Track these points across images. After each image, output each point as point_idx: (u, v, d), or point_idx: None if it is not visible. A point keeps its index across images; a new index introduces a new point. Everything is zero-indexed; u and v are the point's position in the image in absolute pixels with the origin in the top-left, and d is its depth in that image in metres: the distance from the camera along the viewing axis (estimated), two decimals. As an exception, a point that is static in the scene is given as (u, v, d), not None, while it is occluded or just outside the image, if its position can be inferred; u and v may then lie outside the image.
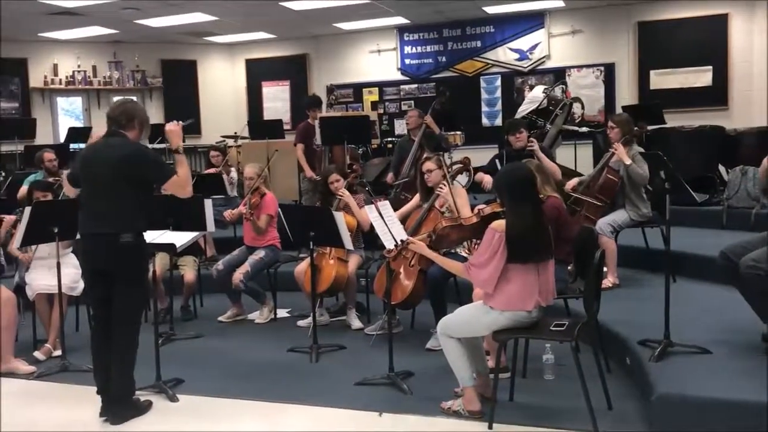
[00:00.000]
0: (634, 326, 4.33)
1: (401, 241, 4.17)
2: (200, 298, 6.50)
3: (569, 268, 4.48)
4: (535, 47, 11.15)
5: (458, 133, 9.26)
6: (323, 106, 8.82)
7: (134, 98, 4.34)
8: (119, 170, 3.81)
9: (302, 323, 5.75)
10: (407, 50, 11.90)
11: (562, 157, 7.99)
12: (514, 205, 3.60)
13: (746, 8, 9.98)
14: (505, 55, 11.33)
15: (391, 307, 4.68)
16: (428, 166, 5.03)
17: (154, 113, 12.26)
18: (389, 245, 4.20)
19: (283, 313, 6.16)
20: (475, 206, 4.43)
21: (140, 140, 4.06)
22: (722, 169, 7.80)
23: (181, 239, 4.52)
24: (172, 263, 5.84)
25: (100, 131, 4.07)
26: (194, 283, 6.13)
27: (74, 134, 9.88)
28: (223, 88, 12.89)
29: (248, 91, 12.92)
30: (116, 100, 4.15)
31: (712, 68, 10.14)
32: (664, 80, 10.42)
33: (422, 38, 11.79)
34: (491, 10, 10.76)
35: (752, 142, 7.60)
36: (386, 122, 12.00)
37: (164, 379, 4.30)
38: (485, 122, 11.49)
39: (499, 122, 11.14)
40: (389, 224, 4.22)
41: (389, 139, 10.74)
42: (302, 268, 5.62)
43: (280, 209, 5.67)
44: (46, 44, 11.63)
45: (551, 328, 3.63)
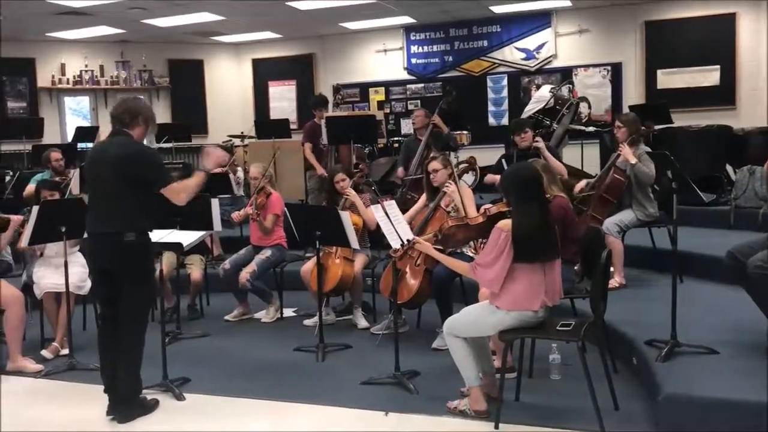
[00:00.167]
0: (640, 326, 4.32)
1: (407, 240, 4.17)
2: (207, 297, 6.51)
3: (576, 268, 4.47)
4: (541, 47, 11.13)
5: (464, 132, 9.25)
6: (329, 105, 8.81)
7: (140, 96, 4.29)
8: (120, 170, 3.82)
9: (308, 322, 5.75)
10: (413, 50, 11.89)
11: (568, 156, 7.98)
12: (520, 204, 3.59)
13: (754, 7, 9.94)
14: (511, 54, 11.32)
15: (397, 306, 4.68)
16: (434, 165, 5.02)
17: (161, 113, 12.31)
18: (395, 245, 4.20)
19: (289, 312, 6.17)
20: (481, 206, 4.43)
21: (147, 136, 4.05)
22: (730, 168, 7.78)
23: (188, 238, 4.53)
24: (178, 262, 5.86)
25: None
26: (201, 282, 6.15)
27: (81, 134, 9.92)
28: (229, 87, 12.92)
29: (255, 90, 12.95)
30: (119, 98, 4.14)
31: (719, 67, 10.11)
32: (671, 80, 10.39)
33: (429, 38, 11.78)
34: (498, 9, 10.75)
35: (760, 141, 7.57)
36: (392, 122, 12.00)
37: (171, 377, 4.32)
38: (492, 122, 11.48)
39: (505, 122, 11.13)
40: (395, 224, 4.22)
41: (395, 138, 10.74)
42: (308, 267, 5.63)
43: (286, 209, 5.68)
44: (53, 44, 11.68)
45: (558, 328, 3.62)
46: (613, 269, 5.28)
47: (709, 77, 10.17)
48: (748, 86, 10.00)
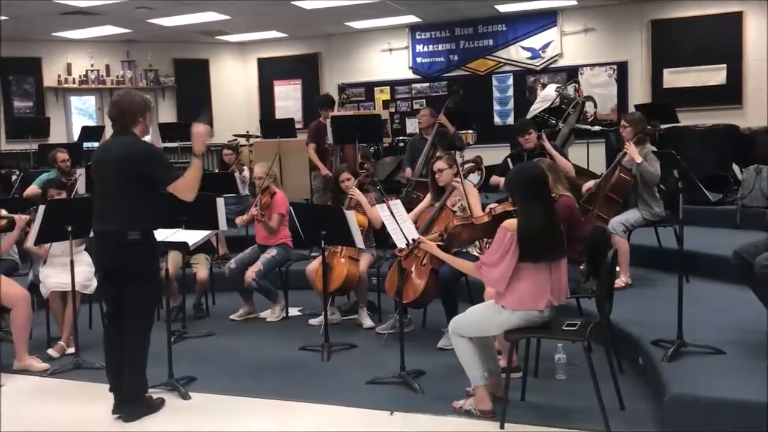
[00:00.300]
0: (646, 326, 4.31)
1: (412, 240, 4.17)
2: (212, 296, 6.52)
3: (581, 267, 4.46)
4: (547, 46, 11.11)
5: (470, 132, 9.24)
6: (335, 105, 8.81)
7: (131, 90, 4.22)
8: (124, 169, 3.82)
9: (314, 322, 5.76)
10: (419, 49, 11.88)
11: (574, 156, 7.94)
12: (525, 204, 3.59)
13: (760, 6, 9.89)
14: (517, 53, 11.30)
15: (402, 306, 4.68)
16: (439, 165, 5.02)
17: (166, 112, 12.36)
18: (400, 244, 4.19)
19: (294, 311, 6.17)
20: (486, 205, 4.43)
21: (149, 129, 4.01)
22: (736, 168, 7.75)
23: (193, 238, 4.54)
24: (184, 261, 5.87)
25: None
26: (207, 281, 6.16)
27: (87, 133, 9.95)
28: (235, 87, 12.92)
29: (260, 90, 12.95)
30: (112, 98, 4.07)
31: (726, 66, 10.07)
32: (677, 79, 10.35)
33: (434, 37, 11.77)
34: (503, 8, 10.73)
35: (766, 140, 7.55)
36: (398, 121, 11.99)
37: (176, 376, 4.33)
38: (497, 121, 11.46)
39: (511, 121, 11.11)
40: (400, 223, 4.21)
41: (401, 137, 10.73)
42: (314, 266, 5.63)
43: (291, 208, 5.68)
44: (59, 44, 11.70)
45: (563, 327, 3.62)
46: (618, 269, 5.27)
47: (715, 76, 10.13)
48: (754, 85, 9.95)
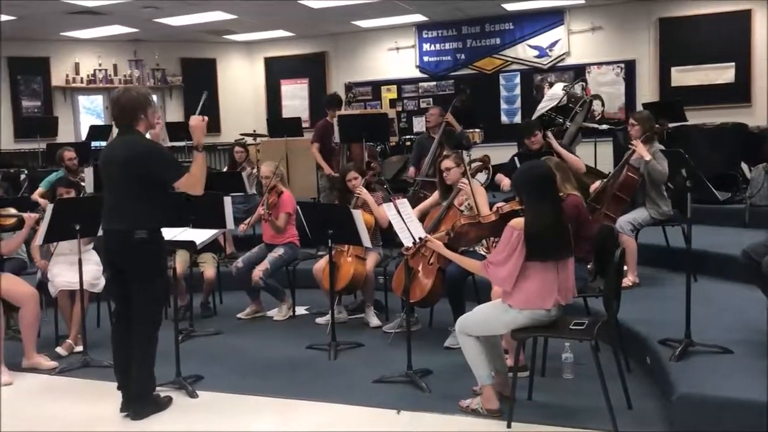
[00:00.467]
0: (654, 325, 4.29)
1: (419, 238, 4.16)
2: (219, 295, 6.53)
3: (589, 266, 4.45)
4: (554, 44, 11.09)
5: (477, 130, 9.23)
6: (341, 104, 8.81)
7: (130, 86, 4.19)
8: (129, 170, 3.82)
9: (320, 320, 5.77)
10: (426, 47, 11.87)
11: (582, 155, 7.85)
12: (533, 203, 3.58)
13: (769, 4, 9.85)
14: (524, 52, 11.28)
15: (409, 305, 4.68)
16: (447, 164, 5.01)
17: (174, 111, 12.39)
18: (407, 243, 4.19)
19: (301, 310, 6.18)
20: (494, 205, 4.42)
21: (153, 123, 4.00)
22: (745, 166, 7.72)
23: (201, 236, 4.55)
24: (191, 261, 5.88)
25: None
26: (214, 279, 6.17)
27: (95, 132, 9.98)
28: (242, 86, 12.94)
29: (267, 89, 12.97)
30: (112, 97, 4.02)
31: (734, 65, 10.02)
32: (685, 77, 10.31)
33: (441, 35, 11.76)
34: (510, 7, 10.71)
35: (775, 139, 7.52)
36: (404, 120, 11.98)
37: (184, 375, 4.34)
38: (504, 120, 11.44)
39: (518, 120, 11.09)
40: (407, 222, 4.21)
41: (407, 136, 10.72)
42: (321, 265, 5.64)
43: (298, 207, 5.69)
44: (67, 43, 11.74)
45: (571, 326, 3.61)
46: (626, 268, 5.25)
47: (723, 74, 10.09)
48: (763, 83, 9.89)
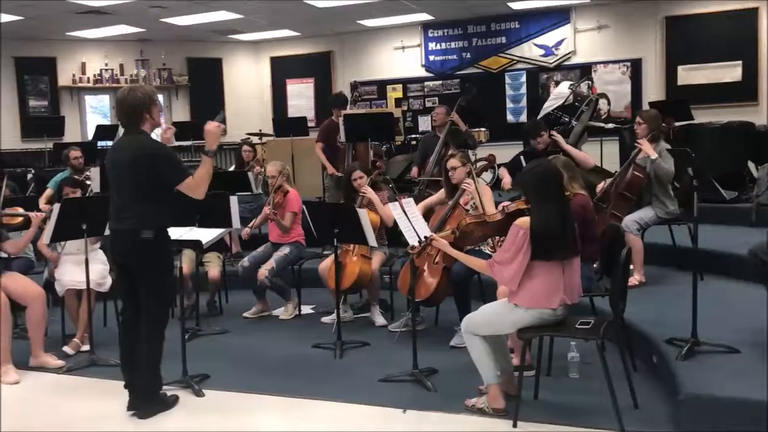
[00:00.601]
0: (660, 325, 4.29)
1: (425, 238, 4.16)
2: (226, 294, 6.55)
3: (595, 266, 4.44)
4: (560, 43, 11.06)
5: (483, 129, 9.22)
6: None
7: (134, 85, 4.20)
8: (136, 170, 3.83)
9: (326, 320, 5.77)
10: (431, 47, 11.87)
11: (587, 153, 7.92)
12: (538, 202, 3.57)
13: (777, 2, 9.81)
14: (530, 51, 11.26)
15: (415, 304, 4.68)
16: (453, 163, 5.01)
17: (180, 111, 12.42)
18: (413, 242, 4.19)
19: (307, 309, 6.19)
20: (499, 203, 4.41)
21: (159, 122, 4.00)
22: (751, 165, 7.69)
23: (207, 236, 4.56)
24: (198, 260, 5.89)
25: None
26: (218, 279, 6.18)
27: (102, 132, 10.01)
28: (248, 85, 12.96)
29: (273, 88, 12.98)
30: (116, 97, 4.04)
31: (741, 63, 9.98)
32: (692, 76, 10.27)
33: (447, 34, 11.75)
34: (516, 5, 10.69)
35: (783, 138, 7.49)
36: (410, 119, 11.98)
37: (191, 374, 4.35)
38: (510, 119, 11.42)
39: (524, 119, 11.08)
40: (413, 221, 4.21)
41: (413, 135, 10.73)
42: (326, 264, 5.64)
43: (304, 206, 5.69)
44: (74, 43, 11.78)
45: (577, 326, 3.61)
46: (632, 267, 5.24)
47: (730, 73, 10.05)
48: (771, 82, 9.88)
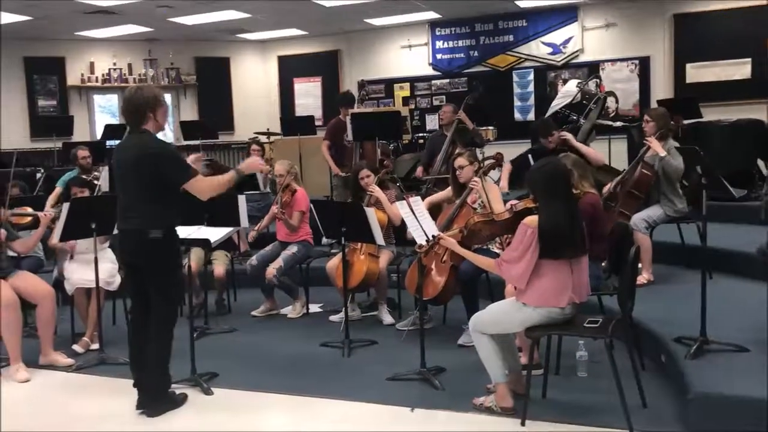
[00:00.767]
0: (669, 323, 4.27)
1: (432, 236, 4.16)
2: (234, 292, 6.56)
3: (603, 264, 4.43)
4: (568, 41, 11.03)
5: (490, 128, 9.21)
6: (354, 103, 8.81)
7: (142, 85, 4.24)
8: (140, 170, 3.84)
9: (334, 318, 5.78)
10: (439, 45, 11.85)
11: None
12: (547, 200, 3.57)
13: (787, -2, 9.74)
14: (537, 49, 11.23)
15: (422, 302, 4.68)
16: (460, 161, 5.01)
17: (188, 110, 12.45)
18: (420, 241, 4.19)
19: (315, 308, 6.20)
20: (507, 202, 4.41)
21: (164, 124, 4.03)
22: (761, 163, 7.65)
23: (216, 234, 4.58)
24: (206, 258, 5.91)
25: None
26: (224, 277, 6.18)
27: (110, 131, 10.05)
28: (255, 84, 12.98)
29: (280, 87, 12.99)
30: (123, 96, 4.09)
31: (750, 60, 9.93)
32: (700, 73, 10.22)
33: (454, 33, 11.73)
34: (524, 4, 10.67)
35: (792, 136, 7.45)
36: (417, 117, 11.98)
37: (199, 372, 4.36)
38: (518, 117, 11.39)
39: (531, 117, 11.05)
40: (421, 220, 4.21)
41: (420, 134, 10.72)
42: (334, 263, 5.65)
43: (312, 205, 5.70)
44: (82, 43, 11.82)
45: (585, 324, 3.60)
46: (641, 265, 5.23)
47: (740, 70, 9.99)
48: (780, 79, 9.82)
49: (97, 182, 6.59)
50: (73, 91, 11.99)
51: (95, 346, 5.11)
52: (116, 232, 4.15)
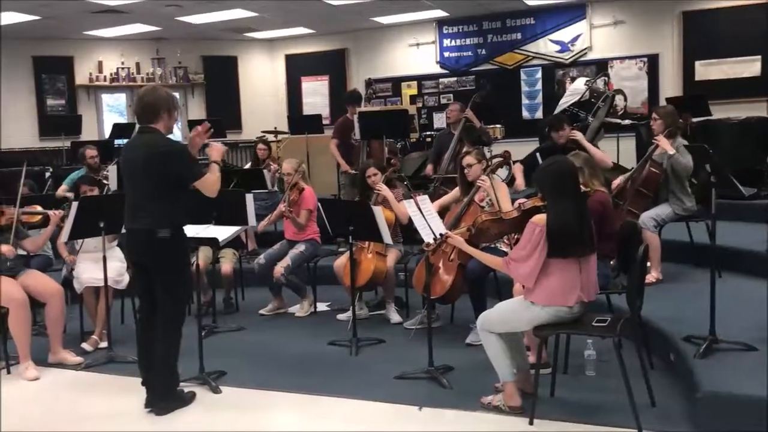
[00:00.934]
0: (678, 322, 4.26)
1: (440, 235, 4.16)
2: (242, 291, 6.58)
3: (612, 263, 4.42)
4: (576, 39, 11.00)
5: (498, 126, 9.19)
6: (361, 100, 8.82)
7: (157, 85, 4.27)
8: (149, 169, 3.85)
9: (342, 317, 5.79)
10: (446, 43, 11.84)
11: (604, 150, 7.84)
12: (555, 199, 3.56)
13: (797, -5, 9.69)
14: (545, 47, 11.21)
15: (430, 301, 4.68)
16: (468, 160, 5.00)
17: (196, 109, 12.48)
18: (428, 239, 4.19)
19: (323, 306, 6.20)
20: (515, 200, 4.40)
21: (173, 126, 4.05)
22: (771, 161, 7.61)
23: (224, 233, 4.59)
24: (214, 257, 5.92)
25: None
26: (231, 275, 6.20)
27: (118, 130, 10.09)
28: (263, 83, 13.00)
29: (288, 86, 13.01)
30: (138, 93, 4.11)
31: (760, 58, 9.87)
32: (709, 71, 10.18)
33: (462, 31, 11.71)
34: (532, 2, 10.65)
35: (802, 133, 7.40)
36: (425, 116, 11.97)
37: (207, 371, 4.37)
38: (525, 115, 11.37)
39: (539, 115, 11.03)
40: (428, 218, 4.21)
41: (428, 132, 10.71)
42: (342, 262, 5.65)
43: (319, 204, 5.71)
44: (91, 42, 11.87)
45: (593, 323, 3.59)
46: (649, 264, 5.21)
47: (749, 68, 9.94)
48: (790, 77, 9.76)
49: (106, 182, 6.63)
50: (81, 90, 12.04)
51: (104, 344, 5.13)
52: (124, 231, 4.16)
